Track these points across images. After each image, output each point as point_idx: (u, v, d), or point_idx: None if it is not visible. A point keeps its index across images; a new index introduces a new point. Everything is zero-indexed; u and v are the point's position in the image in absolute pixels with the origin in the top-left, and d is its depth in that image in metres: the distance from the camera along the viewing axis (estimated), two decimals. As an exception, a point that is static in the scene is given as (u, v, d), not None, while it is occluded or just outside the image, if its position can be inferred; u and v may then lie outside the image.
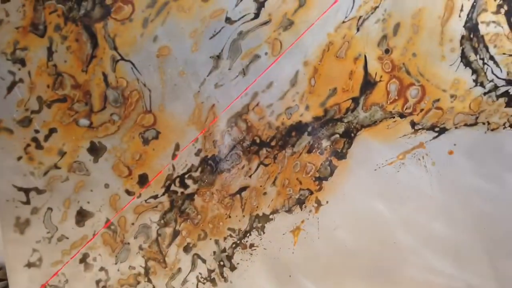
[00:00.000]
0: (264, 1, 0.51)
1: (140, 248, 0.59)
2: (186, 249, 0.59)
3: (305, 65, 0.53)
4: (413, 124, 0.55)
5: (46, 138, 0.55)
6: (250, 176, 0.57)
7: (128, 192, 0.57)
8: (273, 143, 0.56)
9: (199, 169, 0.57)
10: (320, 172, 0.57)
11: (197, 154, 0.57)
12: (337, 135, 0.56)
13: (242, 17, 0.52)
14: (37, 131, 0.54)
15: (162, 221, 0.58)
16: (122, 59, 0.53)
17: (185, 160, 0.57)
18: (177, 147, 0.56)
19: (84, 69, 0.53)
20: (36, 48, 0.52)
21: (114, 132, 0.55)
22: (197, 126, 0.56)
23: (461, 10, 0.51)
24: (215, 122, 0.55)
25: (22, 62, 0.52)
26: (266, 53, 0.53)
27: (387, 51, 0.53)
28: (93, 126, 0.55)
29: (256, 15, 0.52)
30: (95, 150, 0.56)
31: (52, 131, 0.54)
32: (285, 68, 0.54)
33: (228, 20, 0.52)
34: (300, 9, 0.52)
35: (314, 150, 0.56)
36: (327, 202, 0.58)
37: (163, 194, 0.57)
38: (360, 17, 0.52)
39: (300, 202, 0.58)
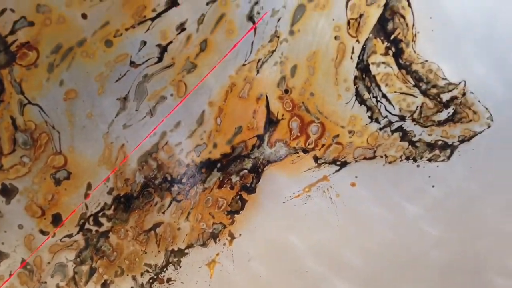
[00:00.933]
0: (166, 45, 0.53)
1: (58, 286, 0.59)
2: (104, 285, 0.60)
3: (210, 105, 0.55)
4: (316, 158, 0.57)
5: (-47, 183, 0.55)
6: (163, 213, 0.59)
7: (43, 232, 0.58)
8: (184, 180, 0.58)
9: (112, 207, 0.58)
10: (231, 206, 0.59)
11: (109, 193, 0.58)
12: (246, 171, 0.58)
13: (146, 61, 0.54)
14: None
15: (78, 259, 0.59)
16: (30, 103, 0.54)
17: (98, 199, 0.58)
18: (89, 187, 0.57)
19: (-11, 114, 0.53)
20: None
21: (25, 174, 0.56)
22: (108, 166, 0.57)
23: (352, 52, 0.54)
24: (125, 161, 0.57)
25: None
26: (171, 95, 0.55)
27: (286, 91, 0.55)
28: (3, 169, 0.55)
29: (160, 59, 0.54)
30: (7, 192, 0.56)
31: (-42, 175, 0.55)
32: (192, 108, 0.56)
33: (132, 64, 0.54)
34: (201, 53, 0.54)
35: (224, 185, 0.58)
36: (240, 235, 0.60)
37: (78, 232, 0.58)
38: (259, 60, 0.54)
39: (214, 236, 0.60)
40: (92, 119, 0.55)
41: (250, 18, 0.53)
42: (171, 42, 0.53)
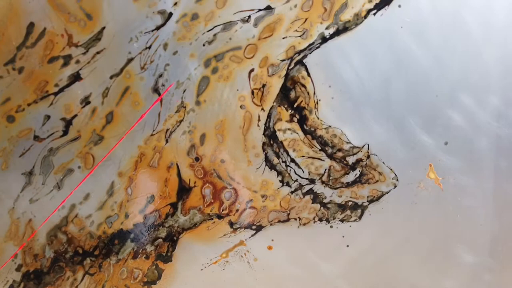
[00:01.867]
0: (71, 119, 0.53)
1: None
2: None
3: (120, 176, 0.55)
4: (231, 224, 0.57)
5: None
6: (76, 287, 0.56)
7: None
8: (96, 252, 0.56)
9: (22, 285, 0.55)
10: (148, 277, 0.58)
11: (18, 270, 0.55)
12: (161, 240, 0.57)
13: (51, 134, 0.53)
14: None
15: None
16: None
17: (6, 276, 0.55)
18: (-6, 265, 0.54)
19: None
20: None
21: None
22: (15, 242, 0.55)
23: (259, 120, 0.55)
24: (33, 236, 0.55)
25: None
26: (79, 167, 0.54)
27: (197, 159, 0.55)
28: None
29: (65, 132, 0.53)
30: None
31: None
32: (101, 180, 0.55)
33: (36, 138, 0.53)
34: (108, 125, 0.54)
35: (139, 256, 0.57)
36: (158, 305, 0.58)
37: (-17, 314, 0.55)
38: (167, 129, 0.54)
39: (131, 308, 0.58)
40: (-4, 195, 0.53)
41: (156, 90, 0.53)
42: (76, 115, 0.53)
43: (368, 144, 0.56)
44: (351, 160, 0.56)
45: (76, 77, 0.52)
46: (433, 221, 0.58)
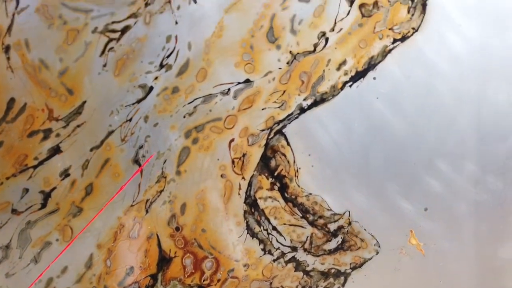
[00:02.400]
0: (50, 191, 0.52)
1: None
2: None
3: (99, 248, 0.54)
4: (213, 294, 0.56)
5: None
6: None
7: None
8: (73, 327, 0.54)
9: None
10: None
11: None
12: (140, 312, 0.55)
13: (29, 208, 0.52)
14: None
15: None
16: None
17: None
18: None
19: None
20: None
21: None
22: (-12, 319, 0.53)
23: (240, 188, 0.55)
24: (7, 312, 0.53)
25: None
26: (57, 240, 0.53)
27: (177, 228, 0.55)
28: None
29: (43, 205, 0.53)
30: None
31: None
32: (79, 252, 0.54)
33: (14, 211, 0.52)
34: (87, 197, 0.53)
35: (118, 329, 0.55)
36: None
37: None
38: (148, 200, 0.54)
39: None
40: (-30, 271, 0.52)
41: (136, 161, 0.53)
42: (55, 188, 0.53)
43: (349, 211, 0.56)
44: (332, 227, 0.56)
45: (56, 150, 0.52)
46: (417, 287, 0.58)
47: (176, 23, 0.51)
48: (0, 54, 0.50)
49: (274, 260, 0.57)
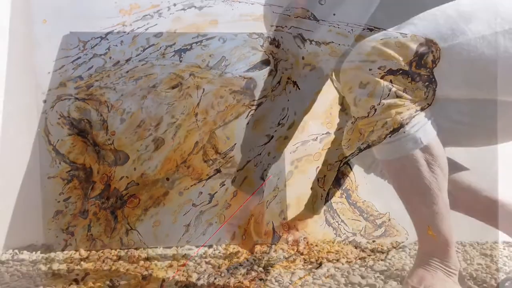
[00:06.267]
0: (213, 194, 0.92)
1: None
2: None
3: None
4: (303, 259, 0.93)
5: None
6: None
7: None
8: None
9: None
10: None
11: None
12: None
13: (201, 203, 0.92)
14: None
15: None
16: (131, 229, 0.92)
17: None
18: None
19: None
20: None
21: None
22: None
23: (321, 196, 0.92)
24: None
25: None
26: (216, 222, 0.93)
27: (284, 219, 0.93)
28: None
29: (209, 201, 0.93)
30: None
31: None
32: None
33: (194, 205, 0.92)
34: (233, 198, 0.92)
35: None
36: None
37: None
38: (267, 201, 0.93)
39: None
40: None
41: (262, 178, 0.92)
42: (216, 192, 0.92)
43: (388, 212, 0.91)
44: (378, 221, 0.92)
45: (218, 171, 0.92)
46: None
47: (288, 100, 0.91)
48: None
49: (341, 241, 0.93)
